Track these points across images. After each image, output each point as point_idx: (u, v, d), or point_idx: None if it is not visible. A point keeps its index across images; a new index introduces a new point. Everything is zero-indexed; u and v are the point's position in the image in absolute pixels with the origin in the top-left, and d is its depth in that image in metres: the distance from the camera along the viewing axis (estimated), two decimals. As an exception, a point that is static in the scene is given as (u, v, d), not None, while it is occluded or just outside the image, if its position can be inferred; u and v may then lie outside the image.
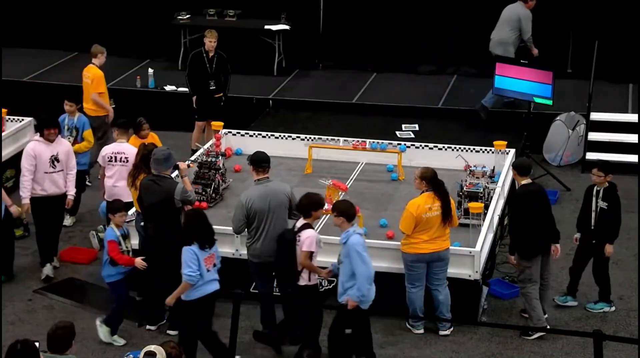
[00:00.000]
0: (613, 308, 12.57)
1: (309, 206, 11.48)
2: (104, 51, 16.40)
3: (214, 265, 11.16)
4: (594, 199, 12.41)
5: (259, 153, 12.04)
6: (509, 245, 12.34)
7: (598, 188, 12.43)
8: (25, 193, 13.03)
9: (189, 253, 10.92)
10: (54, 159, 13.13)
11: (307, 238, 11.34)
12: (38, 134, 13.31)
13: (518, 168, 12.31)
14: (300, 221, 11.53)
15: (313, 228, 11.56)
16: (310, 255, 11.36)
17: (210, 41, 16.52)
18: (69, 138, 14.29)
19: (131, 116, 16.85)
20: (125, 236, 11.97)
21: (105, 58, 16.39)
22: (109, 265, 11.83)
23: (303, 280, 11.44)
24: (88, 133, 14.69)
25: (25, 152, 13.15)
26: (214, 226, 12.66)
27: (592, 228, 12.44)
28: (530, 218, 11.95)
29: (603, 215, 12.36)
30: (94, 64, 16.28)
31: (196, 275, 10.90)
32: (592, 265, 12.66)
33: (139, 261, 11.82)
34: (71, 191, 13.33)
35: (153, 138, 14.32)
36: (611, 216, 12.37)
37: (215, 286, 11.15)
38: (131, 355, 9.37)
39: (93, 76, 16.11)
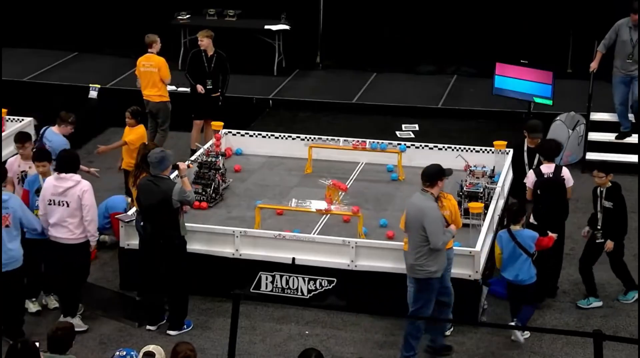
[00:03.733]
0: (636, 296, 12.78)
1: (554, 149, 12.88)
2: (157, 40, 16.56)
3: None
4: (598, 200, 12.55)
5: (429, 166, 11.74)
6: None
7: (601, 189, 12.55)
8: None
9: None
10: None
11: (567, 173, 12.68)
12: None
13: (528, 127, 13.41)
14: (548, 166, 12.59)
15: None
16: None
17: (200, 41, 16.54)
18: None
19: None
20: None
21: (160, 46, 16.61)
22: None
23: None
24: None
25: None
26: (213, 226, 12.74)
27: (599, 228, 12.55)
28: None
29: (609, 215, 12.46)
30: (151, 52, 16.45)
31: None
32: (609, 264, 12.79)
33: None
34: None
35: (139, 129, 14.55)
36: (616, 215, 12.45)
37: None
38: (124, 351, 9.33)
39: (158, 64, 16.32)
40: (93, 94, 18.31)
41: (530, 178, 12.65)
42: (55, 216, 11.85)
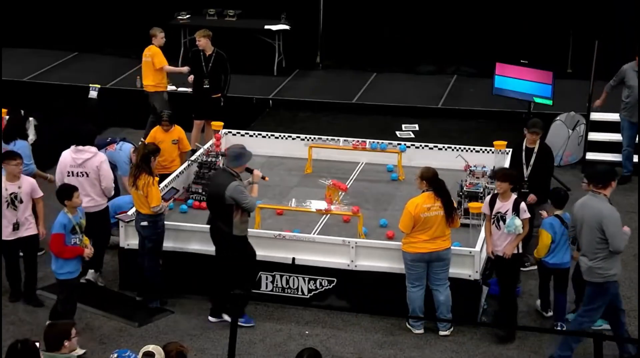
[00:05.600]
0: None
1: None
2: (157, 32, 16.84)
3: None
4: None
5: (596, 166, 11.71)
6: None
7: None
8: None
9: None
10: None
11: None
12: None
13: (528, 124, 13.33)
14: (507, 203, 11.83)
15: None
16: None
17: (197, 41, 16.59)
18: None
19: (132, 116, 17.00)
20: (80, 226, 11.72)
21: (164, 39, 16.92)
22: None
23: None
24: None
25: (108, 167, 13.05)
26: (214, 226, 12.76)
27: None
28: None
29: None
30: (153, 44, 16.79)
31: None
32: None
33: (87, 252, 11.74)
34: None
35: (177, 130, 14.67)
36: None
37: None
38: (115, 354, 9.34)
39: (153, 54, 16.74)
40: (93, 94, 18.31)
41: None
42: (77, 186, 12.36)
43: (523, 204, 11.85)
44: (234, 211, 11.83)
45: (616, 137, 16.79)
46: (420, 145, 15.16)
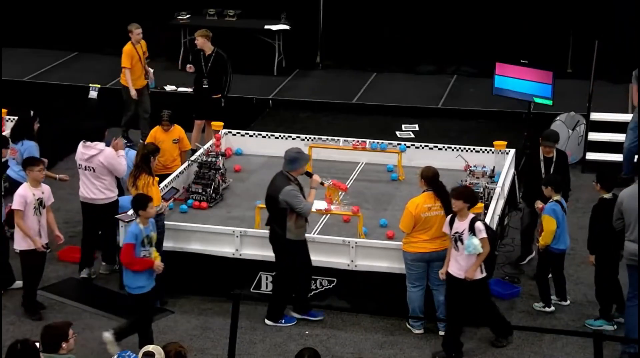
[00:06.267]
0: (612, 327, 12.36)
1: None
2: (133, 29, 16.98)
3: None
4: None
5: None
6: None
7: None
8: None
9: None
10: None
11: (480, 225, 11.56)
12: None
13: (543, 135, 13.44)
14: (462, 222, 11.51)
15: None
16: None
17: (195, 40, 16.63)
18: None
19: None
20: (150, 239, 11.32)
21: (140, 35, 17.02)
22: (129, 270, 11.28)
23: None
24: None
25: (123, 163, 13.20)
26: (213, 226, 12.74)
27: None
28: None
29: None
30: (130, 40, 17.01)
31: None
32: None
33: (157, 264, 11.33)
34: None
35: (177, 129, 14.76)
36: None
37: None
38: (115, 355, 9.33)
39: (123, 51, 16.98)
40: (93, 94, 18.31)
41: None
42: (85, 179, 13.05)
43: (479, 224, 11.43)
44: (287, 214, 11.87)
45: (616, 137, 16.80)
46: (420, 145, 15.16)
